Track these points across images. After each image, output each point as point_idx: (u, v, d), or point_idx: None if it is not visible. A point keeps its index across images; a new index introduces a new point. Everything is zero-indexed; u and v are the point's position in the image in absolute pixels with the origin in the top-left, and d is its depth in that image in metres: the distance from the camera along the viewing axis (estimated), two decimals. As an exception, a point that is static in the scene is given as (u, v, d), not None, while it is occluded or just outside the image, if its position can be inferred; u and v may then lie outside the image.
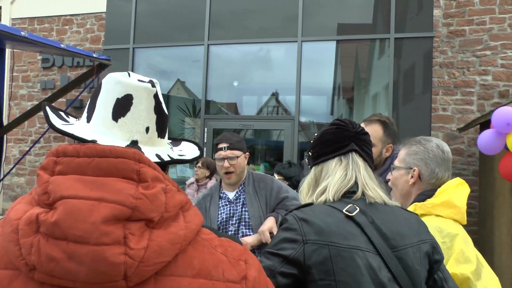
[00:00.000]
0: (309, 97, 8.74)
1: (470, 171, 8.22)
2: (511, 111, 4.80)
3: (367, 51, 8.36)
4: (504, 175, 5.06)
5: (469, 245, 1.80)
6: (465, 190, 1.94)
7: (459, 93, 8.26)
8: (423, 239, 1.46)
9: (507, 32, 8.12)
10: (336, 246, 1.32)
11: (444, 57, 8.30)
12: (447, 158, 1.99)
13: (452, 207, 1.84)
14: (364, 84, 8.61)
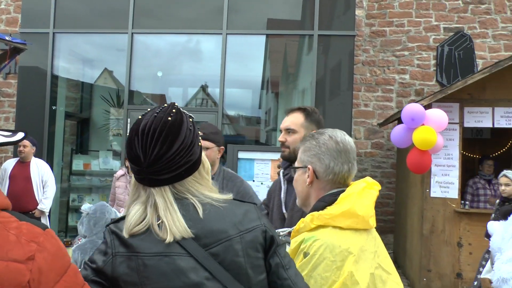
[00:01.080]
0: (237, 90, 8.77)
1: (389, 164, 8.66)
2: (415, 107, 5.13)
3: (295, 47, 8.54)
4: (411, 168, 5.41)
5: (365, 263, 1.61)
6: (372, 193, 1.73)
7: (380, 90, 8.67)
8: (247, 229, 1.39)
9: (422, 35, 8.63)
10: (141, 256, 1.31)
11: (366, 55, 8.68)
12: (344, 149, 1.75)
13: (353, 216, 1.63)
14: (292, 79, 8.79)
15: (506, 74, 5.74)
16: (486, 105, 5.81)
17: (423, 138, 5.01)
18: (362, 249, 1.62)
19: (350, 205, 1.63)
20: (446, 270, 5.83)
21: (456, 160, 5.84)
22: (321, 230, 1.63)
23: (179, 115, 1.43)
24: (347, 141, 1.77)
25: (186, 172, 1.41)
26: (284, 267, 1.42)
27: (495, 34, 8.59)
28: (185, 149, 1.40)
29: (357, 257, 1.58)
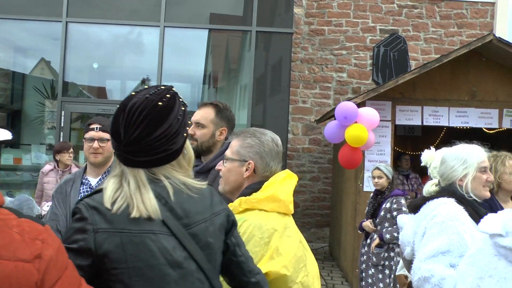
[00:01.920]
0: (177, 84, 8.68)
1: (326, 159, 8.90)
2: (348, 106, 5.31)
3: (237, 43, 8.56)
4: (342, 163, 5.61)
5: (289, 238, 1.83)
6: (292, 182, 1.96)
7: (318, 88, 8.88)
8: (216, 212, 1.48)
9: (359, 35, 8.94)
10: (127, 233, 1.30)
11: (305, 53, 8.87)
12: (280, 151, 1.99)
13: (276, 201, 1.85)
14: (234, 74, 8.81)
15: (434, 75, 6.06)
16: (416, 104, 6.11)
17: (354, 136, 5.20)
18: (285, 227, 1.84)
19: (273, 191, 1.85)
20: (377, 261, 6.08)
21: (388, 156, 6.09)
22: (249, 212, 1.82)
23: (171, 102, 1.44)
24: (280, 143, 2.01)
25: (163, 160, 1.43)
26: (238, 246, 1.57)
27: (427, 38, 9.04)
28: (167, 137, 1.40)
29: (281, 234, 1.80)
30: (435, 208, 2.32)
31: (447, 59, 5.84)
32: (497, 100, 6.15)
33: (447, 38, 9.04)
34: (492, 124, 6.19)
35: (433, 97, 6.12)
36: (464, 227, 2.17)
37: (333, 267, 7.45)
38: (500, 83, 6.18)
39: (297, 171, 8.83)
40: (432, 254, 2.15)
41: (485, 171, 2.41)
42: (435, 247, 2.16)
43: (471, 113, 6.14)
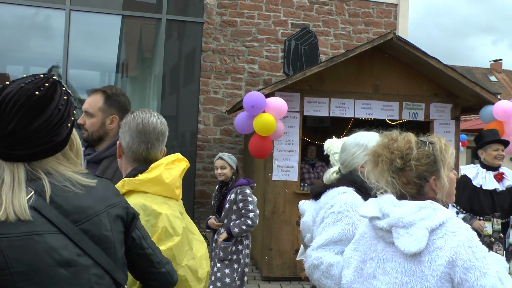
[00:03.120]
0: (88, 72, 8.29)
1: (237, 150, 8.97)
2: (256, 96, 5.40)
3: (151, 31, 8.32)
4: (253, 153, 5.70)
5: (175, 222, 1.80)
6: (180, 166, 1.90)
7: (229, 78, 8.91)
8: (112, 204, 1.42)
9: (271, 28, 9.08)
10: (6, 237, 1.20)
11: (217, 43, 8.85)
12: (145, 130, 1.88)
13: (160, 184, 1.80)
14: (148, 63, 8.57)
15: (341, 69, 6.31)
16: (324, 96, 6.33)
17: (262, 125, 5.28)
18: (171, 209, 1.82)
19: (158, 173, 1.81)
20: (286, 248, 6.24)
21: (297, 146, 6.26)
22: (133, 195, 1.79)
23: (51, 91, 1.33)
24: (149, 122, 1.90)
25: (46, 153, 1.33)
26: (144, 238, 1.53)
27: (336, 33, 9.39)
28: (48, 128, 1.31)
29: (167, 216, 1.77)
30: (334, 197, 2.31)
31: (353, 54, 6.11)
32: (398, 94, 6.54)
33: (355, 35, 9.45)
34: (393, 116, 6.59)
35: (339, 89, 6.38)
36: (360, 217, 2.15)
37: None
38: (400, 78, 6.58)
39: (209, 161, 8.82)
40: (325, 243, 2.17)
41: None
42: (328, 237, 2.18)
43: (375, 106, 6.48)
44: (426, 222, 1.64)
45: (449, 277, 1.60)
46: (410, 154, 1.73)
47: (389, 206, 1.72)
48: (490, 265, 1.59)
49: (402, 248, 1.65)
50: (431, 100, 6.62)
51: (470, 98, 6.57)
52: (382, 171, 1.77)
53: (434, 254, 1.62)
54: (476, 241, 1.63)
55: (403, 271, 1.67)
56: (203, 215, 8.75)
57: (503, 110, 5.90)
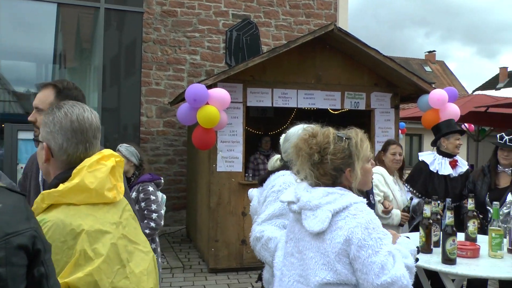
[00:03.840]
0: (22, 63, 7.87)
1: (181, 142, 8.87)
2: (197, 88, 5.34)
3: (89, 20, 7.99)
4: (196, 144, 5.65)
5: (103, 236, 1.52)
6: (107, 164, 1.62)
7: (171, 69, 8.76)
8: (14, 232, 1.16)
9: (212, 18, 8.99)
10: None
11: (157, 34, 8.66)
12: (81, 128, 1.62)
13: (84, 191, 1.52)
14: (87, 54, 8.24)
15: (283, 59, 6.35)
16: (267, 87, 6.35)
17: (206, 117, 5.24)
18: (99, 222, 1.54)
19: (80, 179, 1.52)
20: (232, 239, 6.25)
21: (240, 137, 6.25)
22: (54, 210, 1.51)
23: None
24: (85, 118, 1.64)
25: None
26: (47, 277, 1.24)
27: (277, 24, 9.44)
28: None
29: (91, 233, 1.49)
30: (275, 179, 2.55)
31: (295, 44, 6.16)
32: (339, 83, 6.67)
33: (296, 26, 9.54)
34: (335, 105, 6.71)
35: (282, 80, 6.42)
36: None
37: (190, 248, 7.50)
38: (342, 68, 6.71)
39: (152, 154, 8.67)
40: (267, 218, 2.40)
41: None
42: (270, 212, 2.41)
43: (317, 96, 6.57)
44: (330, 206, 1.83)
45: (346, 253, 1.79)
46: (328, 149, 1.89)
47: (301, 192, 1.93)
48: (384, 246, 1.77)
49: (308, 227, 1.85)
50: (372, 89, 6.81)
51: (408, 87, 6.81)
52: (302, 163, 1.94)
53: (334, 233, 1.80)
54: (374, 223, 1.82)
55: (310, 247, 1.87)
56: (147, 209, 8.60)
57: (437, 99, 6.18)
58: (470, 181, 4.39)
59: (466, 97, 12.19)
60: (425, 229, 3.26)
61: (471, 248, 3.19)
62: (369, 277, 1.72)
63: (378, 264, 1.72)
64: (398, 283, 1.71)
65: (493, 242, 3.14)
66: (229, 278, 6.04)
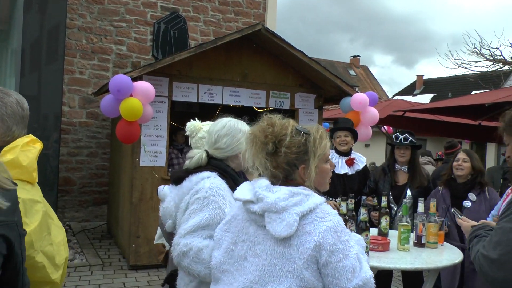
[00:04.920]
0: None
1: (104, 134, 8.62)
2: (122, 79, 5.25)
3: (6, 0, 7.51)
4: (120, 138, 5.55)
5: (33, 207, 1.74)
6: (35, 148, 1.81)
7: (96, 59, 8.48)
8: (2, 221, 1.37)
9: (140, 9, 8.81)
10: None
11: (83, 20, 8.35)
12: (26, 115, 1.86)
13: (18, 167, 1.70)
14: (3, 37, 7.74)
15: (210, 56, 6.36)
16: (193, 82, 6.33)
17: (129, 110, 5.15)
18: (31, 194, 1.75)
19: (14, 155, 1.71)
20: (153, 235, 6.09)
21: (165, 131, 6.19)
22: None
23: None
24: (26, 106, 1.86)
25: None
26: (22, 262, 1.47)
27: (206, 20, 9.42)
28: None
29: (26, 201, 1.69)
30: (198, 182, 2.28)
31: (222, 41, 6.19)
32: (265, 82, 6.79)
33: (225, 23, 9.57)
34: (260, 104, 6.82)
35: (208, 76, 6.43)
36: (225, 202, 2.20)
37: (110, 245, 7.31)
38: (268, 67, 6.83)
39: (74, 146, 8.36)
40: (192, 229, 2.15)
41: None
42: (196, 223, 2.16)
43: (242, 93, 6.65)
44: (297, 208, 1.71)
45: (315, 259, 1.69)
46: (283, 141, 1.78)
47: (263, 191, 1.78)
48: (352, 248, 1.71)
49: (274, 232, 1.71)
50: (297, 90, 6.99)
51: (331, 89, 7.06)
52: (256, 152, 1.81)
53: (303, 238, 1.70)
54: (341, 225, 1.74)
55: (273, 253, 1.74)
56: (68, 204, 8.30)
57: (359, 102, 6.48)
58: (372, 180, 4.64)
59: (386, 101, 12.85)
60: (341, 225, 3.42)
61: (382, 242, 3.40)
62: (341, 282, 1.66)
63: (350, 267, 1.67)
64: (368, 285, 1.69)
65: (401, 237, 3.38)
66: (149, 275, 5.97)
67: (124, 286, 5.56)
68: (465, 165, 4.07)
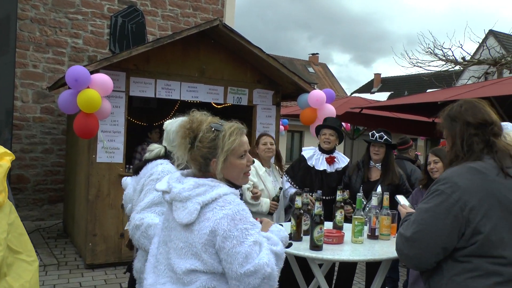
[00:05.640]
0: None
1: (60, 130, 8.41)
2: (79, 69, 5.15)
3: None
4: (78, 132, 5.43)
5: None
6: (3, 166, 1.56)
7: (51, 52, 8.25)
8: None
9: (97, 1, 8.62)
10: None
11: (36, 12, 8.09)
12: None
13: None
14: None
15: (167, 51, 6.30)
16: (150, 77, 6.26)
17: (87, 101, 5.05)
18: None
19: None
20: (110, 232, 6.08)
21: (122, 127, 6.10)
22: None
23: None
24: None
25: None
26: None
27: (164, 15, 9.31)
28: None
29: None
30: (152, 168, 2.65)
31: (179, 36, 6.15)
32: (223, 78, 6.79)
33: (183, 18, 9.49)
34: (218, 99, 6.82)
35: (166, 71, 6.38)
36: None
37: (66, 244, 7.14)
38: (226, 63, 6.83)
39: (28, 142, 8.12)
40: (147, 205, 2.48)
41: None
42: (150, 200, 2.49)
43: (200, 89, 6.63)
44: (200, 198, 1.86)
45: (212, 244, 1.83)
46: (197, 136, 1.95)
47: (173, 182, 1.96)
48: (250, 236, 1.82)
49: (177, 219, 1.88)
50: (255, 86, 7.03)
51: (289, 86, 7.13)
52: (180, 146, 1.99)
53: (202, 224, 1.84)
54: (242, 215, 1.86)
55: (180, 238, 1.90)
56: (21, 202, 8.04)
57: (316, 99, 6.59)
58: (346, 175, 4.75)
59: (344, 98, 13.12)
60: (296, 218, 3.48)
61: (336, 235, 3.48)
62: (233, 266, 1.78)
63: (243, 254, 1.78)
64: (261, 271, 1.78)
65: (355, 229, 3.46)
66: (106, 273, 5.87)
67: (80, 285, 5.44)
68: (438, 166, 4.18)
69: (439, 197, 1.95)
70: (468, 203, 1.89)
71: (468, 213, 1.88)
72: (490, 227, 1.87)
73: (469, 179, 1.93)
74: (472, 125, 2.06)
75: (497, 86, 6.76)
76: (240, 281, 1.78)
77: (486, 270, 1.88)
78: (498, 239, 1.88)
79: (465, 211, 1.88)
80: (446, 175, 2.01)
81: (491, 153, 2.02)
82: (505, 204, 1.91)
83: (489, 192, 1.91)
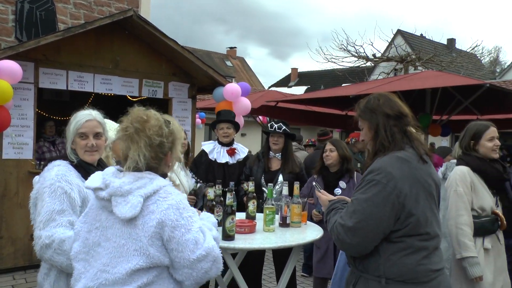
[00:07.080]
0: None
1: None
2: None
3: None
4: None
5: None
6: None
7: None
8: None
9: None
10: None
11: None
12: None
13: None
14: None
15: (79, 41, 6.09)
16: (61, 68, 6.01)
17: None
18: None
19: None
20: (19, 234, 5.77)
21: (31, 121, 5.81)
22: None
23: None
24: None
25: None
26: None
27: (76, 2, 8.93)
28: None
29: None
30: (44, 173, 2.38)
31: (92, 26, 5.96)
32: (138, 71, 6.68)
33: (96, 7, 9.16)
34: (133, 92, 6.70)
35: (78, 62, 6.15)
36: (72, 186, 2.29)
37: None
38: (141, 55, 6.72)
39: None
40: (48, 218, 2.19)
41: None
42: (49, 210, 2.20)
43: (115, 81, 6.47)
44: (141, 190, 1.86)
45: (159, 236, 1.85)
46: (162, 133, 1.95)
47: (110, 177, 1.92)
48: (194, 223, 1.90)
49: (119, 214, 1.84)
50: (170, 79, 6.98)
51: (205, 79, 7.16)
52: (139, 147, 1.91)
53: (147, 218, 1.85)
54: (184, 204, 1.92)
55: (121, 235, 1.87)
56: None
57: (231, 92, 6.67)
58: (247, 166, 4.85)
59: (260, 92, 13.33)
60: (209, 210, 3.53)
61: (248, 225, 3.57)
62: (185, 254, 1.83)
63: (192, 240, 1.84)
64: (212, 254, 1.87)
65: (267, 218, 3.57)
66: (14, 278, 5.56)
67: (-15, 290, 5.15)
68: (332, 155, 4.39)
69: (376, 187, 2.06)
70: (402, 190, 2.04)
71: (404, 200, 2.04)
72: (420, 210, 2.07)
73: (399, 168, 2.08)
74: (392, 116, 2.22)
75: (404, 82, 7.26)
76: (192, 267, 1.84)
77: (416, 247, 2.07)
78: (424, 219, 2.08)
79: (400, 197, 2.03)
80: (379, 165, 2.11)
81: (410, 142, 2.20)
82: (426, 187, 2.12)
83: (415, 179, 2.09)
